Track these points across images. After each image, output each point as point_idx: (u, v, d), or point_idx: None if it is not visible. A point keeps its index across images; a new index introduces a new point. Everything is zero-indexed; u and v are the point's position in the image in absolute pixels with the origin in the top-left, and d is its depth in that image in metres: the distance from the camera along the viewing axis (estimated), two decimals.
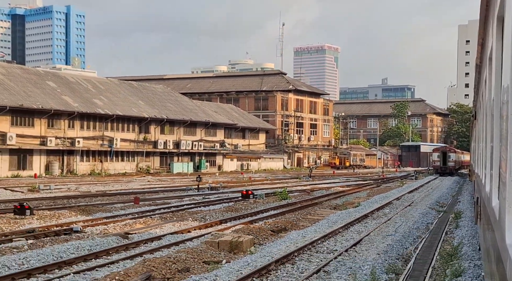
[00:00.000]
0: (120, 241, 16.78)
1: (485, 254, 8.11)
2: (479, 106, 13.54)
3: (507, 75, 4.09)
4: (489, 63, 6.98)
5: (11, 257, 13.71)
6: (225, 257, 14.64)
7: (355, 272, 12.01)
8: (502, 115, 4.46)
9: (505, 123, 4.11)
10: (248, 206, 27.80)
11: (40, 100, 61.84)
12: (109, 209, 25.71)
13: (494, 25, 5.64)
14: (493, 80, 6.02)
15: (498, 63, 5.44)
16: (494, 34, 5.71)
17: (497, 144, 5.50)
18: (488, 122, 7.44)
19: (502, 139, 4.46)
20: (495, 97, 5.82)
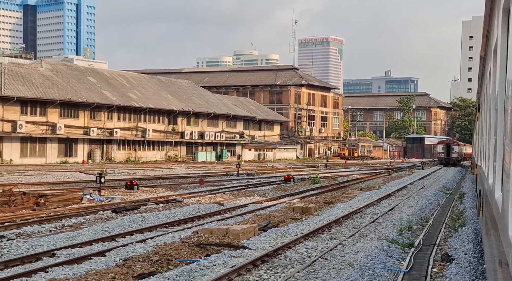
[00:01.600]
0: (219, 207, 23.36)
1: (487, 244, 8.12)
2: (483, 99, 13.30)
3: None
4: (494, 56, 6.89)
5: (159, 213, 20.29)
6: (302, 216, 21.26)
7: (396, 223, 18.64)
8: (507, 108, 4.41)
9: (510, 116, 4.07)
10: (291, 187, 34.50)
11: (84, 94, 68.47)
12: (185, 187, 32.41)
13: (500, 17, 5.55)
14: (498, 73, 5.94)
15: (503, 56, 5.43)
16: (499, 26, 5.62)
17: (500, 137, 5.46)
18: (492, 115, 7.37)
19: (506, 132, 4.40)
20: (499, 90, 5.79)
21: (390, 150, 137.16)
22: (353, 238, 15.72)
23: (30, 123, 61.89)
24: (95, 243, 14.37)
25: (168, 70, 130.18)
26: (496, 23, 6.13)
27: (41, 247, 13.52)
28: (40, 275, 10.78)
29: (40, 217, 18.70)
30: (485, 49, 10.17)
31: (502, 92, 5.38)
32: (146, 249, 13.18)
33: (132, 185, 27.93)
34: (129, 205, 22.15)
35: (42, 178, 38.95)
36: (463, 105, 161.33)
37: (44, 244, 13.78)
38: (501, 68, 5.57)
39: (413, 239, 15.87)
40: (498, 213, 5.25)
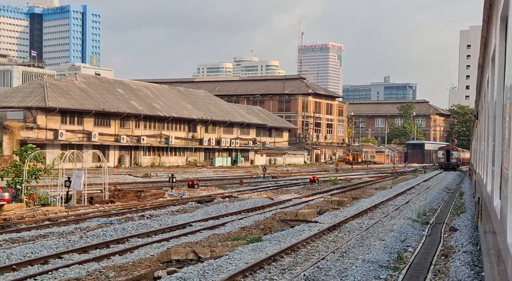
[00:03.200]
0: (271, 201, 29.71)
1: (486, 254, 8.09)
2: (481, 106, 13.34)
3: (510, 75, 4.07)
4: (492, 64, 6.87)
5: (231, 204, 26.64)
6: (339, 207, 27.65)
7: (413, 210, 25.05)
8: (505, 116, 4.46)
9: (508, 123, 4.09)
10: (317, 187, 40.94)
11: (115, 104, 74.92)
12: (231, 187, 38.84)
13: (498, 25, 5.55)
14: (496, 80, 5.89)
15: (501, 63, 5.42)
16: (497, 34, 5.62)
17: (499, 144, 5.43)
18: (490, 122, 7.35)
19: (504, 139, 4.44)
20: (497, 98, 5.75)
21: (391, 155, 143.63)
22: (386, 218, 22.17)
23: (69, 131, 68.24)
24: (211, 220, 20.77)
25: (181, 79, 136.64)
26: (494, 31, 6.18)
27: (179, 221, 19.92)
28: (195, 234, 17.13)
29: (150, 205, 25.10)
30: (483, 57, 10.24)
31: (500, 100, 5.41)
32: (251, 222, 19.60)
33: (194, 184, 34.38)
34: (205, 198, 28.54)
35: (101, 179, 45.30)
36: (461, 112, 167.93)
37: (179, 220, 20.17)
38: (499, 76, 5.56)
39: (428, 219, 22.32)
40: (497, 220, 5.20)
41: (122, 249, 14.33)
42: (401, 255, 14.18)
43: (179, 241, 15.73)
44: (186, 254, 12.86)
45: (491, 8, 6.63)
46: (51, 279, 10.95)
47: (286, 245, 14.78)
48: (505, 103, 4.55)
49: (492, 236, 6.01)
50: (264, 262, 12.48)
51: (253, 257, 13.12)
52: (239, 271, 11.33)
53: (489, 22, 7.31)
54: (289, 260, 13.21)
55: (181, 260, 12.69)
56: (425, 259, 13.88)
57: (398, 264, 13.17)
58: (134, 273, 11.42)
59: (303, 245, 15.21)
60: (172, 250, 12.89)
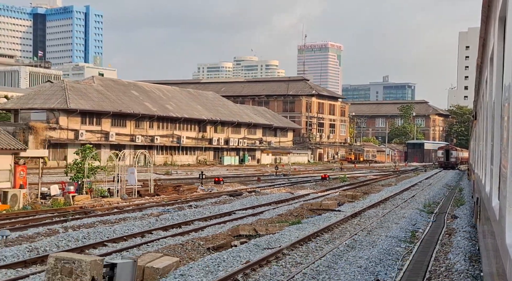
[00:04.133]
0: (291, 195, 33.48)
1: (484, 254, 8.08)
2: (479, 106, 13.54)
3: (508, 75, 4.07)
4: (490, 64, 6.89)
5: (259, 197, 30.40)
6: (353, 200, 31.42)
7: (420, 202, 28.84)
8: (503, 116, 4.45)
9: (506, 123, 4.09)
10: (329, 184, 44.74)
11: (130, 106, 78.64)
12: (251, 183, 42.60)
13: (496, 26, 5.57)
14: (494, 80, 5.91)
15: (499, 64, 5.41)
16: (495, 34, 5.63)
17: (497, 144, 5.44)
18: (489, 122, 7.36)
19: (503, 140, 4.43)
20: (496, 98, 5.76)
21: (392, 154, 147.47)
22: (397, 208, 25.98)
23: (89, 132, 71.95)
24: (249, 209, 24.53)
25: (187, 81, 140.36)
26: (493, 32, 6.19)
27: (224, 210, 23.68)
28: (242, 220, 20.84)
29: (190, 198, 28.87)
30: (482, 57, 10.20)
31: (498, 100, 5.40)
32: (284, 211, 23.39)
33: (219, 180, 38.16)
34: (235, 192, 32.33)
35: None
36: (459, 113, 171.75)
37: (223, 209, 23.94)
38: (497, 76, 5.57)
39: (432, 210, 26.12)
40: (495, 220, 5.18)
41: (192, 228, 18.10)
42: (414, 233, 17.99)
43: (233, 224, 19.52)
44: (249, 230, 16.67)
45: (490, 8, 6.61)
46: (157, 245, 14.73)
47: (322, 226, 18.56)
48: (503, 103, 4.53)
49: (491, 236, 5.97)
50: (310, 236, 16.28)
51: (299, 234, 16.88)
52: (295, 241, 15.12)
53: (488, 22, 7.27)
54: (327, 236, 17.00)
55: (246, 235, 16.49)
56: (433, 236, 17.68)
57: (412, 239, 16.96)
58: (216, 242, 15.21)
59: (335, 226, 19.02)
60: (240, 227, 16.71)
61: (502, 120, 4.55)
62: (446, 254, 14.26)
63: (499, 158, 4.93)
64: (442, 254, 14.45)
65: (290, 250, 14.12)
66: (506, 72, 4.33)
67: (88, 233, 15.82)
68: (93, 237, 15.58)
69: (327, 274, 11.50)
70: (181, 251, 13.71)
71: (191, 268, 11.45)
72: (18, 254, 12.94)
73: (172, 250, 13.65)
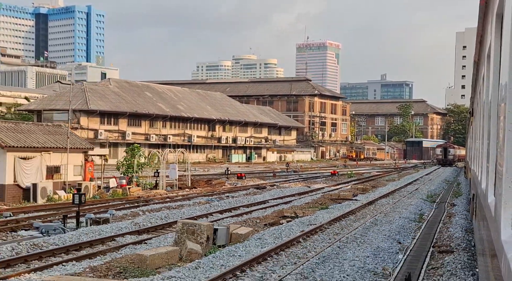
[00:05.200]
0: (308, 189, 37.76)
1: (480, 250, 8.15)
2: (476, 103, 13.32)
3: (505, 72, 4.06)
4: (487, 61, 6.93)
5: (283, 190, 34.67)
6: (364, 192, 35.73)
7: (423, 194, 33.17)
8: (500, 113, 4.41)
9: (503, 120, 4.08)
10: (339, 179, 49.06)
11: (145, 107, 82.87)
12: (268, 178, 46.91)
13: (493, 23, 5.59)
14: (491, 77, 5.91)
15: (497, 60, 5.42)
16: (493, 31, 5.66)
17: (494, 141, 5.44)
18: (486, 119, 7.40)
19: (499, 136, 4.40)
20: (492, 95, 5.78)
21: (391, 152, 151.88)
22: (404, 198, 30.33)
23: (107, 131, 76.17)
24: (278, 199, 28.84)
25: (193, 81, 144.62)
26: (490, 29, 6.24)
27: (258, 199, 27.97)
28: (277, 206, 25.11)
29: (223, 190, 33.15)
30: (479, 54, 10.15)
31: (495, 97, 5.42)
32: (310, 200, 27.71)
33: (242, 176, 42.50)
34: (259, 186, 36.64)
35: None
36: (457, 111, 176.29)
37: (257, 199, 28.23)
38: (495, 73, 5.58)
39: (434, 199, 30.45)
40: (491, 217, 5.20)
41: (242, 212, 22.38)
42: (421, 216, 22.33)
43: (272, 210, 23.82)
44: (291, 213, 21.01)
45: (487, 5, 6.65)
46: (224, 223, 19.02)
47: (346, 210, 22.89)
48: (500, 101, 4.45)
49: (487, 232, 6.03)
50: (339, 217, 20.61)
51: (329, 216, 21.18)
52: (330, 220, 19.45)
53: (485, 19, 7.29)
54: (352, 217, 21.33)
55: (289, 216, 20.82)
56: (436, 218, 22.00)
57: (420, 220, 21.29)
58: (269, 221, 19.52)
59: (357, 211, 23.35)
60: (284, 210, 21.04)
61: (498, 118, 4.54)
62: (447, 228, 18.59)
63: (495, 155, 4.95)
64: (444, 228, 18.78)
65: (329, 225, 18.45)
66: (503, 68, 4.28)
67: (167, 214, 20.13)
68: (171, 216, 19.88)
69: (362, 239, 15.84)
70: (246, 226, 18.00)
71: (263, 235, 15.77)
72: (128, 226, 17.24)
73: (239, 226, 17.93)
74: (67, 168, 25.80)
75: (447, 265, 12.26)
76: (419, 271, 11.61)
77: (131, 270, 11.48)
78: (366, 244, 15.06)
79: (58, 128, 27.92)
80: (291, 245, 14.54)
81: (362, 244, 14.97)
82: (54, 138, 26.03)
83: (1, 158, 22.92)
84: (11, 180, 23.22)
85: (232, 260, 12.32)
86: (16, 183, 23.56)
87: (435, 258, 13.42)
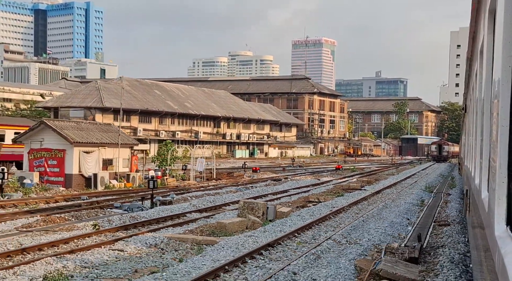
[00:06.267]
0: (318, 181, 41.96)
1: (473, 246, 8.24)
2: (469, 99, 13.51)
3: (498, 68, 4.05)
4: (480, 57, 6.99)
5: (297, 182, 38.92)
6: (369, 184, 40.02)
7: (421, 185, 37.54)
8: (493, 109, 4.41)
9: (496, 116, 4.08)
10: (343, 173, 53.40)
11: (155, 104, 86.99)
12: (279, 172, 51.20)
13: (486, 19, 5.62)
14: (484, 73, 5.96)
15: (489, 56, 5.46)
16: (485, 27, 5.69)
17: (487, 137, 5.48)
18: (479, 115, 7.46)
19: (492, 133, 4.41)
20: (485, 90, 5.80)
21: (387, 148, 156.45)
22: (406, 189, 34.67)
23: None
24: (296, 189, 33.10)
25: (195, 78, 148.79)
26: (482, 24, 6.29)
27: (279, 189, 32.23)
28: (298, 195, 29.38)
29: (245, 182, 37.37)
30: (472, 50, 10.23)
31: (488, 93, 5.43)
32: (324, 190, 32.01)
33: (256, 170, 46.78)
34: (274, 178, 40.93)
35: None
36: (451, 109, 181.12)
37: (279, 188, 32.48)
38: (487, 69, 5.62)
39: (432, 190, 34.81)
40: (485, 212, 5.24)
41: (271, 198, 26.64)
42: (422, 202, 26.67)
43: (296, 197, 28.07)
44: (314, 199, 25.31)
45: (480, 2, 6.64)
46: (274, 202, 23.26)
47: (359, 197, 27.18)
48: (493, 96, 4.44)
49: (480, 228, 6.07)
50: (355, 202, 24.92)
51: (346, 201, 25.44)
52: (348, 204, 23.75)
53: (478, 15, 7.31)
54: (366, 203, 25.63)
55: (313, 201, 25.12)
56: (435, 203, 26.33)
57: (422, 205, 25.62)
58: (298, 204, 23.81)
59: (368, 198, 27.67)
60: (309, 196, 25.34)
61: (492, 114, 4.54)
62: (444, 210, 22.94)
63: (489, 151, 4.93)
64: (442, 210, 23.13)
65: (349, 208, 22.77)
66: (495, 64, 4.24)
67: (214, 199, 24.41)
68: (218, 200, 24.15)
69: (378, 216, 20.17)
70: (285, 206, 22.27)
71: (301, 213, 20.06)
72: (189, 207, 21.48)
73: None
74: (118, 161, 29.97)
75: (445, 232, 16.59)
76: (425, 235, 15.91)
77: (217, 232, 15.71)
78: (383, 219, 19.38)
79: (108, 127, 32.12)
80: (325, 220, 18.84)
81: (380, 220, 19.29)
82: (108, 135, 30.20)
83: (69, 152, 27.06)
84: (76, 170, 27.41)
85: (286, 228, 16.57)
86: (81, 172, 27.74)
87: (436, 229, 17.74)
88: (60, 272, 10.30)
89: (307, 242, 14.54)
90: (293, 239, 14.85)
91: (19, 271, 10.63)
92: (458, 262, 11.67)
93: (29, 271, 10.67)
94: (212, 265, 11.17)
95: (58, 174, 27.16)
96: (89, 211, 19.49)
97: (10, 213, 18.30)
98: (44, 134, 27.57)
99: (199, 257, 12.21)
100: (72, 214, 18.64)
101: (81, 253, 12.35)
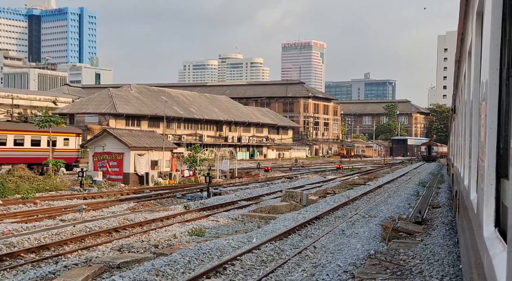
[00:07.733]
0: (324, 179, 47.75)
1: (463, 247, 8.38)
2: (458, 101, 13.71)
3: (485, 70, 4.04)
4: (468, 58, 7.07)
5: (308, 179, 44.76)
6: (369, 181, 45.90)
7: (415, 181, 43.49)
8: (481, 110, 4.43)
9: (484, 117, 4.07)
10: (343, 171, 59.35)
11: (162, 109, 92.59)
12: (287, 171, 57.01)
13: (474, 20, 5.68)
14: (472, 74, 6.03)
15: (477, 58, 5.49)
16: (473, 29, 5.74)
17: (475, 138, 5.54)
18: (467, 116, 7.54)
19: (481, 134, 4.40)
20: (474, 92, 5.88)
21: (379, 149, 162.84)
22: (403, 184, 40.63)
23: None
24: (310, 185, 38.90)
25: (194, 83, 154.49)
26: (470, 26, 6.35)
27: (297, 185, 38.02)
28: (314, 189, 35.18)
29: (261, 180, 43.10)
30: (460, 52, 10.28)
31: (476, 95, 5.49)
32: (335, 185, 37.89)
33: (268, 169, 52.59)
34: (287, 176, 46.73)
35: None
36: (439, 111, 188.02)
37: (296, 185, 38.27)
38: (475, 70, 5.66)
39: (425, 185, 40.77)
40: (474, 213, 5.26)
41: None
42: (418, 193, 32.63)
43: (315, 190, 33.87)
44: (331, 190, 31.23)
45: (468, 3, 6.72)
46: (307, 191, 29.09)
47: (366, 190, 33.06)
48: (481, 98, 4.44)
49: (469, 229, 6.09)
50: (365, 193, 30.82)
51: (356, 193, 31.27)
52: (359, 195, 29.63)
53: (466, 17, 7.37)
54: (372, 194, 31.53)
55: (330, 192, 31.01)
56: (428, 195, 32.24)
57: (417, 195, 31.54)
58: (319, 195, 29.66)
59: (373, 191, 33.58)
60: (326, 189, 31.25)
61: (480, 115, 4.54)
62: (436, 198, 28.90)
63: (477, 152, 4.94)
64: (434, 199, 29.07)
65: (361, 197, 28.66)
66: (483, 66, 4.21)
67: (250, 192, 30.19)
68: (254, 193, 29.95)
69: (386, 202, 26.09)
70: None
71: (326, 200, 25.91)
72: (235, 197, 27.21)
73: None
74: (162, 162, 35.68)
75: (437, 211, 22.51)
76: (423, 212, 21.83)
77: (272, 212, 21.50)
78: (390, 204, 25.29)
79: (152, 134, 37.84)
80: (346, 205, 24.71)
81: (387, 204, 25.20)
82: (153, 140, 35.92)
83: (126, 154, 32.71)
84: (132, 170, 33.07)
85: (320, 210, 22.36)
86: (135, 172, 33.42)
87: (431, 209, 23.66)
88: (199, 228, 16.04)
89: (340, 217, 20.41)
90: (330, 214, 20.70)
91: (164, 231, 16.39)
92: (447, 223, 17.58)
93: (170, 232, 16.43)
94: (286, 226, 16.98)
95: (118, 173, 32.83)
96: (166, 199, 25.16)
97: (108, 200, 23.97)
98: (106, 140, 33.25)
99: (271, 225, 17.99)
100: (156, 201, 24.39)
101: (194, 222, 18.11)
